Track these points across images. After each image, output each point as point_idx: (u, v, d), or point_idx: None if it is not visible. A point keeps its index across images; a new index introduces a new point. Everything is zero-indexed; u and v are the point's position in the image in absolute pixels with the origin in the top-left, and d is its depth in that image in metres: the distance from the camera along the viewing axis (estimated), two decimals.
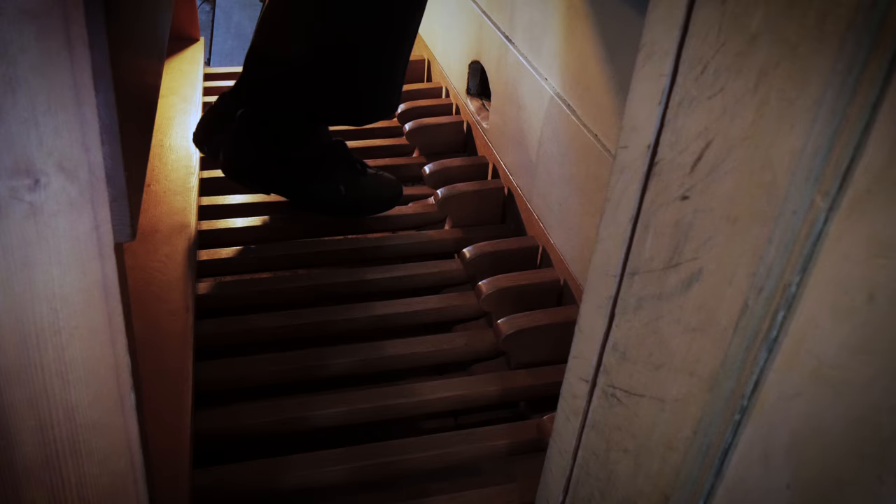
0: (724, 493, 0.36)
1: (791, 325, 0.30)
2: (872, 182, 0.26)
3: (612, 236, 0.43)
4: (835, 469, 0.29)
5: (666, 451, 0.40)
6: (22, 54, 0.34)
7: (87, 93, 0.36)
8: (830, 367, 0.29)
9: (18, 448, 0.45)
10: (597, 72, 0.85)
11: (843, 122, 0.27)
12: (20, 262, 0.39)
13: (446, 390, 0.86)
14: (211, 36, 2.28)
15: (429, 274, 1.03)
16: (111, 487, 0.48)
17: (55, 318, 0.41)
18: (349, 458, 0.77)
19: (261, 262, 1.04)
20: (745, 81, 0.31)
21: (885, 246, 0.26)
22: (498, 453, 0.81)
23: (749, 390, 0.33)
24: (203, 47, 1.51)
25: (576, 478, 0.51)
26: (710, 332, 0.35)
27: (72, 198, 0.38)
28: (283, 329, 0.93)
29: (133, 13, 0.47)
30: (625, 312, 0.43)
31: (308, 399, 0.83)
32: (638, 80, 0.39)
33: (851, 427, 0.28)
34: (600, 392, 0.46)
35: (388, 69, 1.00)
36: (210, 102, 1.36)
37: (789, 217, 0.29)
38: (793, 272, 0.30)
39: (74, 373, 0.43)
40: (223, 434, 0.80)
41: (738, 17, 0.31)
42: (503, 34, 1.10)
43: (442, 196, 1.10)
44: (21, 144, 0.36)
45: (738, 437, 0.34)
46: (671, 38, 0.36)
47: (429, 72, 1.50)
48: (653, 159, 0.38)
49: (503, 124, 1.13)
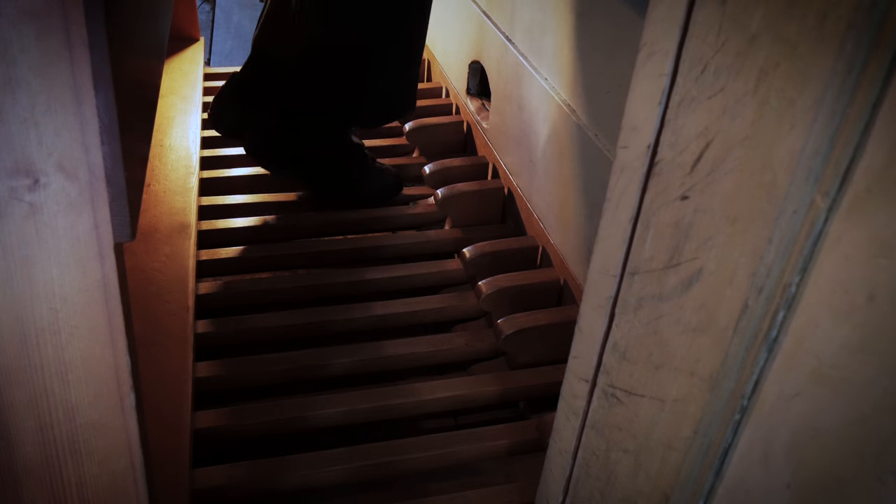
0: (724, 493, 0.36)
1: (791, 325, 0.30)
2: (872, 182, 0.26)
3: (612, 236, 0.43)
4: (835, 469, 0.29)
5: (666, 451, 0.40)
6: (22, 54, 0.34)
7: (87, 93, 0.36)
8: (830, 367, 0.29)
9: (18, 448, 0.45)
10: (597, 72, 0.85)
11: (843, 122, 0.27)
12: (20, 262, 0.39)
13: (446, 390, 0.86)
14: (211, 36, 2.28)
15: (429, 274, 1.03)
16: (111, 487, 0.48)
17: (55, 318, 0.41)
18: (349, 458, 0.77)
19: (261, 262, 1.04)
20: (745, 81, 0.31)
21: (885, 246, 0.26)
22: (498, 453, 0.81)
23: (749, 390, 0.33)
24: (203, 47, 1.51)
25: (576, 478, 0.51)
26: (710, 332, 0.35)
27: (71, 198, 0.38)
28: (283, 329, 0.93)
29: (133, 13, 0.47)
30: (625, 312, 0.43)
31: (308, 399, 0.83)
32: (638, 79, 0.39)
33: (851, 427, 0.28)
34: (600, 392, 0.46)
35: (402, 66, 1.02)
36: (209, 102, 1.37)
37: (789, 217, 0.29)
38: (793, 272, 0.30)
39: (74, 373, 0.43)
40: (223, 434, 0.80)
41: (738, 17, 0.31)
42: (503, 34, 1.10)
43: (442, 196, 1.10)
44: (21, 144, 0.36)
45: (738, 437, 0.34)
46: (671, 38, 0.36)
47: (429, 72, 1.50)
48: (653, 159, 0.38)
49: (503, 124, 1.13)
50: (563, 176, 0.94)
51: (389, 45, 1.00)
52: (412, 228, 1.15)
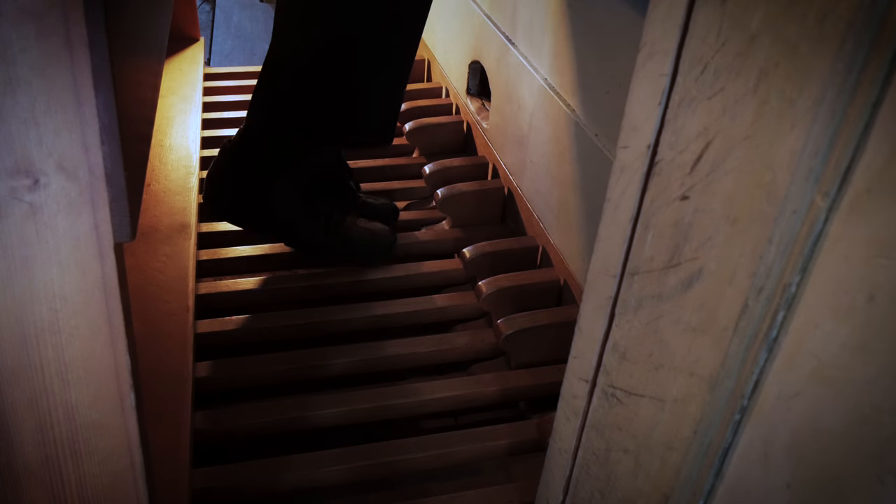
0: (724, 493, 0.36)
1: (791, 325, 0.30)
2: (872, 182, 0.26)
3: (612, 236, 0.43)
4: (835, 469, 0.29)
5: (666, 451, 0.40)
6: (22, 54, 0.34)
7: (87, 93, 0.36)
8: (830, 367, 0.29)
9: (18, 448, 0.45)
10: (597, 72, 0.85)
11: (843, 122, 0.27)
12: (20, 262, 0.39)
13: (446, 390, 0.86)
14: (211, 36, 2.28)
15: (429, 274, 1.03)
16: (111, 487, 0.48)
17: (55, 318, 0.41)
18: (349, 458, 0.77)
19: (261, 262, 1.04)
20: (745, 81, 0.31)
21: (885, 246, 0.26)
22: (498, 453, 0.81)
23: (749, 390, 0.33)
24: (203, 47, 1.51)
25: (576, 478, 0.51)
26: (710, 332, 0.35)
27: (71, 198, 0.38)
28: (283, 329, 0.93)
29: (133, 13, 0.47)
30: (625, 312, 0.43)
31: (308, 399, 0.83)
32: (638, 79, 0.39)
33: (851, 427, 0.28)
34: (600, 392, 0.46)
35: (390, 86, 0.98)
36: (210, 102, 1.37)
37: (789, 217, 0.29)
38: (793, 272, 0.30)
39: (74, 373, 0.43)
40: (223, 434, 0.80)
41: (738, 17, 0.31)
42: (503, 34, 1.10)
43: (442, 196, 1.10)
44: (21, 144, 0.36)
45: (738, 437, 0.34)
46: (671, 38, 0.36)
47: (429, 72, 1.50)
48: (653, 159, 0.38)
49: (503, 124, 1.13)
50: (563, 176, 0.94)
51: (378, 59, 0.96)
52: (412, 230, 1.15)
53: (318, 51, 0.91)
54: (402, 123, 1.32)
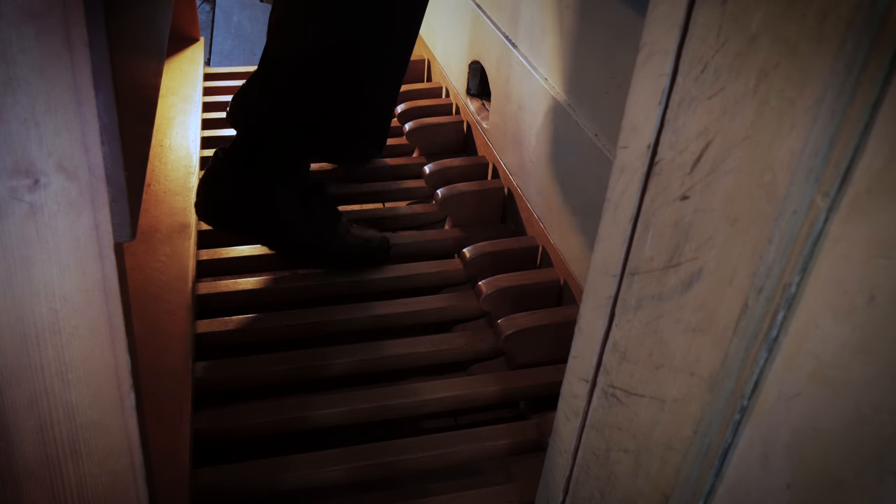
0: (724, 493, 0.36)
1: (791, 325, 0.30)
2: (872, 182, 0.26)
3: (612, 236, 0.43)
4: (835, 469, 0.29)
5: (666, 451, 0.40)
6: (22, 55, 0.34)
7: (87, 93, 0.36)
8: (830, 367, 0.29)
9: (18, 448, 0.45)
10: (596, 71, 0.85)
11: (843, 122, 0.27)
12: (20, 262, 0.39)
13: (446, 390, 0.86)
14: (211, 36, 2.28)
15: (429, 274, 1.03)
16: (111, 487, 0.48)
17: (55, 318, 0.41)
18: (349, 458, 0.77)
19: (261, 262, 1.04)
20: (745, 81, 0.31)
21: (885, 246, 0.26)
22: (498, 453, 0.81)
23: (749, 390, 0.33)
24: (203, 47, 1.51)
25: (576, 478, 0.51)
26: (710, 332, 0.35)
27: (72, 198, 0.38)
28: (284, 329, 0.93)
29: (133, 13, 0.47)
30: (625, 312, 0.43)
31: (308, 399, 0.83)
32: (638, 79, 0.39)
33: (851, 427, 0.28)
34: (600, 392, 0.46)
35: (388, 87, 0.98)
36: (210, 102, 1.37)
37: (789, 217, 0.29)
38: (793, 272, 0.30)
39: (74, 373, 0.43)
40: (223, 434, 0.80)
41: (738, 17, 0.31)
42: (503, 34, 1.10)
43: (442, 196, 1.10)
44: (21, 144, 0.36)
45: (738, 437, 0.34)
46: (671, 38, 0.36)
47: (429, 72, 1.50)
48: (653, 159, 0.38)
49: (503, 124, 1.13)
50: (564, 176, 0.94)
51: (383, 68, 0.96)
52: (412, 228, 1.15)
53: (318, 53, 0.91)
54: (402, 123, 1.32)
